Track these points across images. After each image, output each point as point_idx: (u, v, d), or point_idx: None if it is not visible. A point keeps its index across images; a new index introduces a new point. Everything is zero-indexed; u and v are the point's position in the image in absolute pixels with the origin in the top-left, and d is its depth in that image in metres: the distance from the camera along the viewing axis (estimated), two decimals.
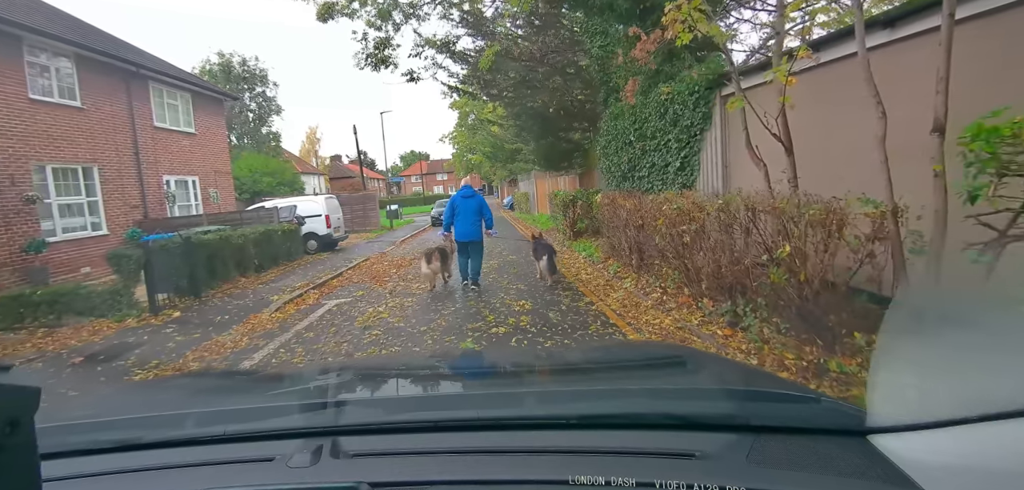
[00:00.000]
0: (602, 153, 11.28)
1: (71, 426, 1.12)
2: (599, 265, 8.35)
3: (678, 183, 7.57)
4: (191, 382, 2.08)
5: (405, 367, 1.88)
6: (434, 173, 72.93)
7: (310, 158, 57.94)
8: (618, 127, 9.66)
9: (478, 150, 36.09)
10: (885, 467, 0.74)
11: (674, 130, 7.54)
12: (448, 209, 7.39)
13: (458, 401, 1.31)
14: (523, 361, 2.13)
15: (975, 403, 0.66)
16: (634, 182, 9.18)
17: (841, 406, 0.97)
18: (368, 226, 22.01)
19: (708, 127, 6.99)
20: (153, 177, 14.00)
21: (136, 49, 15.31)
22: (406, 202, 55.64)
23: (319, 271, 10.68)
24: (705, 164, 7.14)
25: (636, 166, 8.97)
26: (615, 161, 9.98)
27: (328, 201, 14.71)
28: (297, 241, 12.87)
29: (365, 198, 22.89)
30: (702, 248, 4.87)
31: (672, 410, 1.00)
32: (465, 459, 0.86)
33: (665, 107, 7.74)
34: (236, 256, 9.82)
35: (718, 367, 1.72)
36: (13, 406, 0.50)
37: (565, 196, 11.60)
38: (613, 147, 10.13)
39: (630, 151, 9.11)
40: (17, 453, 0.50)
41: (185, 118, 15.77)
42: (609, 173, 10.65)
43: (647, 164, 8.54)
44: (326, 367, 2.02)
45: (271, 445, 0.93)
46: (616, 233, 7.81)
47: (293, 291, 8.45)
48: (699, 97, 6.98)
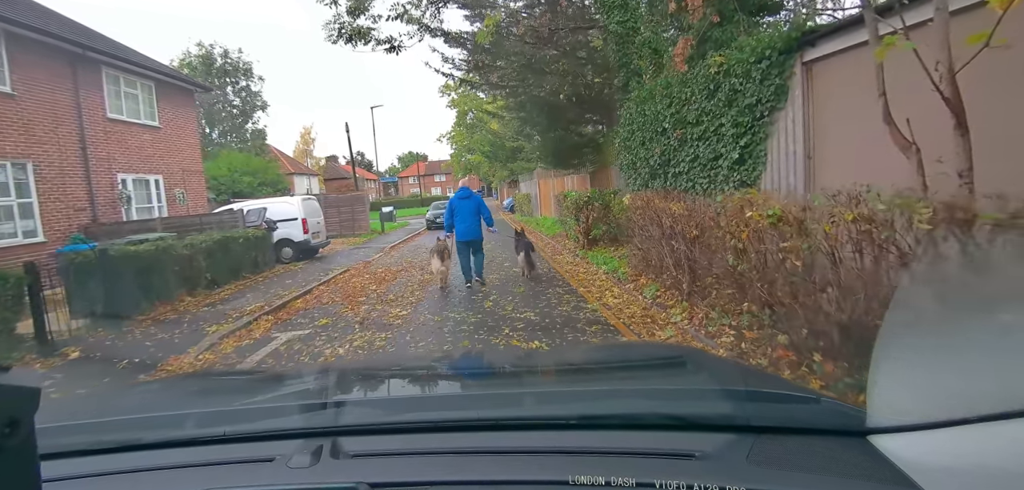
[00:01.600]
0: (622, 147, 9.54)
1: (71, 426, 1.11)
2: (628, 285, 6.59)
3: (734, 180, 5.82)
4: (191, 382, 2.13)
5: (405, 367, 1.89)
6: (432, 174, 71.18)
7: (304, 158, 56.49)
8: (646, 113, 7.91)
9: (477, 150, 34.66)
10: (885, 467, 0.73)
11: (730, 111, 5.79)
12: (447, 211, 7.57)
13: (458, 401, 1.31)
14: (523, 361, 2.10)
15: (975, 403, 0.66)
16: (667, 180, 7.44)
17: (841, 406, 0.97)
18: (357, 230, 20.24)
19: (781, 105, 5.25)
20: (105, 175, 12.25)
21: (87, 29, 13.55)
22: (403, 204, 54.05)
23: (285, 287, 8.92)
24: (775, 155, 5.39)
25: (671, 160, 7.23)
26: (641, 155, 8.23)
27: (305, 203, 12.95)
28: (266, 249, 11.12)
29: (353, 199, 21.11)
30: (821, 280, 3.12)
31: (672, 410, 0.99)
32: (465, 459, 0.86)
33: (716, 83, 6.00)
34: (182, 270, 8.06)
35: (718, 367, 1.71)
36: (13, 406, 0.49)
37: (577, 197, 9.87)
38: (638, 139, 8.38)
39: (663, 142, 7.37)
40: (17, 453, 0.49)
41: (147, 109, 14.01)
42: (632, 170, 8.91)
43: (687, 157, 6.80)
44: (326, 367, 2.26)
45: (271, 445, 0.92)
46: (653, 245, 6.06)
47: (241, 317, 6.68)
48: (770, 65, 5.23)
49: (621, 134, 9.57)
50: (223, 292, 8.64)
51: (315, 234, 13.04)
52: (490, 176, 36.47)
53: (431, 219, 23.26)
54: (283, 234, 12.30)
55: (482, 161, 35.36)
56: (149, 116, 14.06)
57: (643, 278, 6.44)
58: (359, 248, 15.61)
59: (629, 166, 9.05)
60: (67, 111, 11.36)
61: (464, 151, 39.48)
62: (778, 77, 5.20)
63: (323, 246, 13.90)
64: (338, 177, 46.33)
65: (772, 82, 5.25)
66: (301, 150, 57.42)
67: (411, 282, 8.70)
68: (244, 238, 10.00)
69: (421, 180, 66.21)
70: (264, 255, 10.94)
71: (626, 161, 9.30)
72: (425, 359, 2.97)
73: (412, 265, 10.84)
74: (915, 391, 0.77)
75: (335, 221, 20.24)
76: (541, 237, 14.71)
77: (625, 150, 9.23)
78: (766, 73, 5.27)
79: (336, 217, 20.32)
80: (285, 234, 12.33)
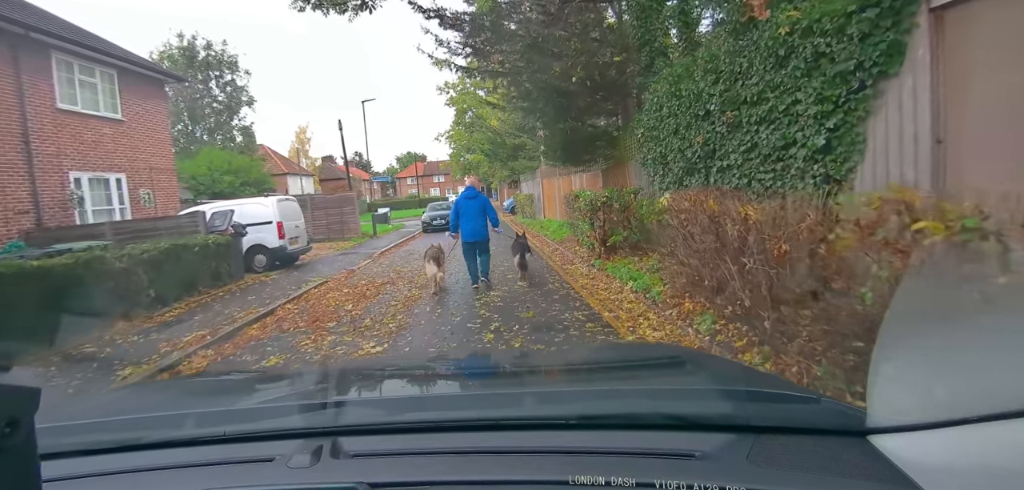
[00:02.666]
0: (647, 137, 8.09)
1: (71, 426, 1.11)
2: (668, 310, 5.12)
3: (814, 174, 4.39)
4: (191, 383, 2.24)
5: (405, 368, 1.90)
6: (431, 174, 69.71)
7: (300, 159, 55.29)
8: (681, 94, 6.48)
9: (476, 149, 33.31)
10: (885, 467, 0.73)
11: (810, 83, 4.35)
12: (453, 211, 7.38)
13: (459, 401, 1.29)
14: (523, 362, 2.09)
15: (975, 403, 0.66)
16: (709, 176, 6.00)
17: (841, 406, 0.97)
18: (346, 233, 18.74)
19: (894, 70, 3.80)
20: (54, 173, 10.80)
21: (35, 9, 12.09)
22: (400, 205, 52.65)
23: (246, 305, 7.47)
24: (881, 139, 3.94)
25: (717, 151, 5.79)
26: (673, 146, 6.80)
27: (282, 204, 11.48)
28: (233, 258, 9.65)
29: (342, 200, 19.55)
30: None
31: (672, 410, 0.98)
32: (465, 459, 0.85)
33: (788, 46, 4.55)
34: (118, 287, 6.61)
35: (718, 367, 1.69)
36: (13, 406, 0.49)
37: (593, 198, 8.40)
38: (669, 126, 6.94)
39: (706, 128, 5.93)
40: (17, 453, 0.49)
41: (107, 100, 12.56)
42: (659, 165, 7.47)
43: (740, 146, 5.36)
44: (326, 367, 2.29)
45: (271, 445, 0.92)
46: (706, 260, 4.59)
47: (174, 352, 5.22)
48: (879, 15, 3.78)
49: (645, 122, 8.12)
50: (169, 313, 7.18)
51: (293, 239, 11.58)
52: (490, 176, 35.01)
53: (428, 221, 21.70)
54: (255, 240, 10.85)
55: (481, 161, 34.07)
56: (110, 108, 12.60)
57: (688, 302, 4.98)
58: (345, 254, 14.15)
59: (656, 161, 7.60)
60: (6, 100, 9.92)
61: (463, 151, 38.40)
62: (891, 30, 3.74)
63: (304, 252, 12.44)
64: (334, 178, 44.84)
65: (881, 38, 3.79)
66: (296, 150, 56.16)
67: (395, 299, 7.24)
68: (202, 246, 8.53)
69: (419, 181, 64.75)
70: (230, 265, 9.47)
71: (652, 155, 7.85)
72: (425, 359, 3.01)
73: (400, 276, 9.39)
74: (915, 391, 0.77)
75: (323, 224, 18.80)
76: (547, 242, 13.24)
77: (651, 141, 7.79)
78: (873, 26, 3.82)
79: (324, 220, 18.86)
80: (257, 240, 10.87)
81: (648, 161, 8.24)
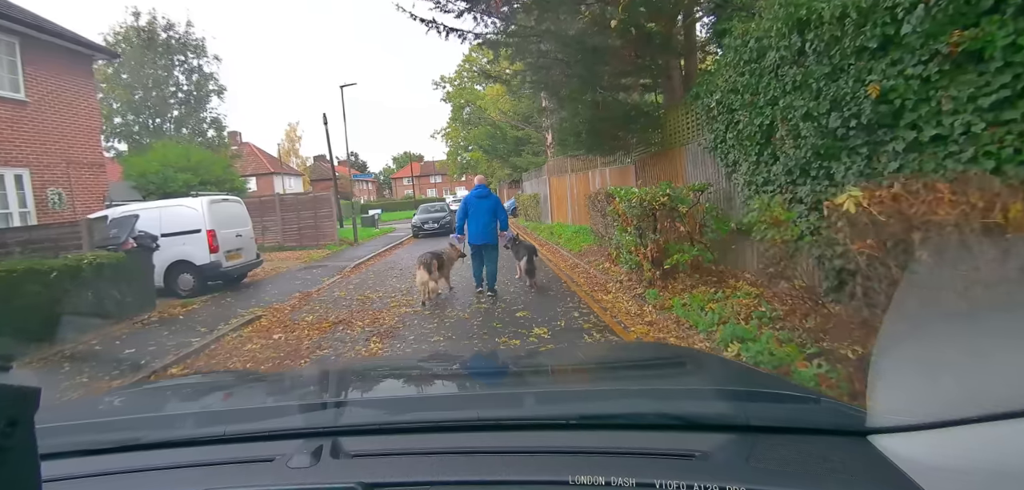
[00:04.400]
0: (720, 109, 5.47)
1: (71, 426, 1.10)
2: None
3: None
4: (191, 383, 2.18)
5: (405, 368, 1.88)
6: (428, 175, 67.02)
7: (289, 158, 52.75)
8: (816, 22, 3.81)
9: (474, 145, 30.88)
10: (885, 467, 0.73)
11: None
12: (461, 210, 6.95)
13: (459, 401, 1.28)
14: (523, 362, 2.02)
15: (975, 403, 0.66)
16: (880, 159, 3.35)
17: (841, 407, 0.96)
18: (321, 240, 15.97)
19: None
20: None
21: None
22: (395, 206, 49.98)
23: (119, 365, 4.79)
24: None
25: (910, 108, 3.12)
26: (794, 113, 4.14)
27: (217, 207, 8.73)
28: (137, 281, 6.97)
29: (315, 200, 16.62)
30: None
31: (672, 410, 0.97)
32: (466, 459, 0.85)
33: None
34: None
35: (718, 367, 1.68)
36: (13, 406, 0.49)
37: (643, 198, 5.70)
38: (783, 80, 4.29)
39: (884, 71, 3.27)
40: (17, 453, 0.49)
41: (5, 76, 9.89)
42: (755, 147, 4.82)
43: (983, 92, 2.68)
44: (326, 368, 2.26)
45: (271, 445, 0.91)
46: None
47: None
48: None
49: (719, 84, 5.47)
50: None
51: (233, 251, 8.87)
52: (488, 175, 32.42)
53: (418, 225, 18.89)
54: (178, 254, 8.15)
55: (480, 158, 31.57)
56: (8, 85, 9.93)
57: None
58: (310, 268, 11.43)
59: (746, 141, 4.94)
60: None
61: (460, 149, 36.15)
62: None
63: (251, 267, 9.74)
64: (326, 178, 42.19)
65: None
66: (286, 149, 53.65)
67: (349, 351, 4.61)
68: (73, 268, 5.83)
69: (416, 181, 62.12)
70: (131, 291, 6.77)
71: (734, 133, 5.20)
72: (425, 359, 2.94)
73: (366, 306, 6.76)
74: (915, 391, 0.77)
75: (294, 229, 16.11)
76: (560, 254, 10.56)
77: (733, 110, 5.13)
78: None
79: (295, 224, 16.14)
80: (181, 254, 8.17)
81: (723, 143, 5.58)
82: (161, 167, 16.17)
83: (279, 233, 16.04)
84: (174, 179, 15.95)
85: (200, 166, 17.04)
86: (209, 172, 17.33)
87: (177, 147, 17.84)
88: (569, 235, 12.18)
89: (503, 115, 23.66)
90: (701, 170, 6.64)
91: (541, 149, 22.15)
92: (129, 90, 22.58)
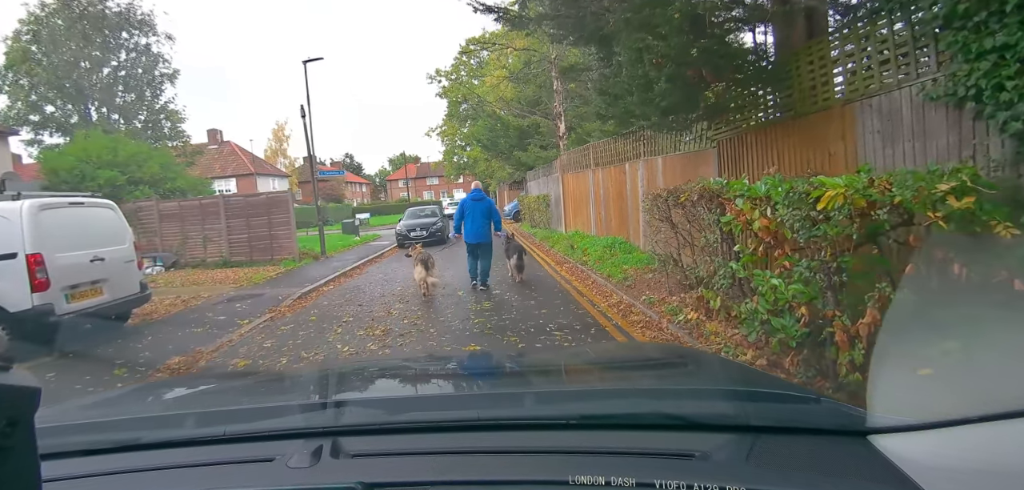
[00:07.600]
0: None
1: (71, 426, 1.09)
2: None
3: None
4: (191, 383, 2.09)
5: (405, 368, 1.84)
6: (424, 176, 63.76)
7: (277, 158, 49.48)
8: None
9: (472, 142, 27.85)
10: (886, 467, 0.72)
11: None
12: (458, 211, 7.64)
13: (459, 401, 1.27)
14: (523, 362, 2.01)
15: (975, 403, 0.64)
16: None
17: (841, 407, 0.95)
18: (277, 254, 12.59)
19: None
20: None
21: None
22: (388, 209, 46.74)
23: None
24: None
25: None
26: None
27: (50, 215, 5.44)
28: None
29: (270, 203, 13.26)
30: None
31: (672, 410, 0.96)
32: (466, 459, 0.84)
33: None
34: None
35: (718, 367, 1.67)
36: (13, 406, 0.48)
37: (849, 193, 2.43)
38: None
39: None
40: (17, 453, 0.48)
41: None
42: None
43: None
44: (326, 368, 2.18)
45: (271, 445, 0.90)
46: None
47: None
48: None
49: None
50: None
51: (91, 286, 5.63)
52: (487, 176, 29.29)
53: (404, 232, 15.55)
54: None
55: (479, 157, 28.51)
56: None
57: None
58: (243, 296, 8.29)
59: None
60: None
61: (457, 148, 33.33)
62: None
63: (132, 306, 6.47)
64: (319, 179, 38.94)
65: None
66: (274, 150, 50.38)
67: None
68: None
69: (411, 184, 58.89)
70: None
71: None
72: (425, 359, 2.94)
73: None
74: (915, 391, 0.78)
75: (242, 239, 12.87)
76: (594, 283, 7.29)
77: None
78: None
79: (244, 232, 12.84)
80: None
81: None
82: (77, 162, 12.97)
83: (224, 244, 12.75)
84: (94, 176, 12.79)
85: (131, 161, 13.86)
86: (142, 169, 14.16)
87: (103, 138, 14.77)
88: (599, 251, 8.93)
89: (505, 104, 20.49)
90: (899, 148, 3.40)
91: (551, 141, 18.95)
92: (52, 72, 19.05)
